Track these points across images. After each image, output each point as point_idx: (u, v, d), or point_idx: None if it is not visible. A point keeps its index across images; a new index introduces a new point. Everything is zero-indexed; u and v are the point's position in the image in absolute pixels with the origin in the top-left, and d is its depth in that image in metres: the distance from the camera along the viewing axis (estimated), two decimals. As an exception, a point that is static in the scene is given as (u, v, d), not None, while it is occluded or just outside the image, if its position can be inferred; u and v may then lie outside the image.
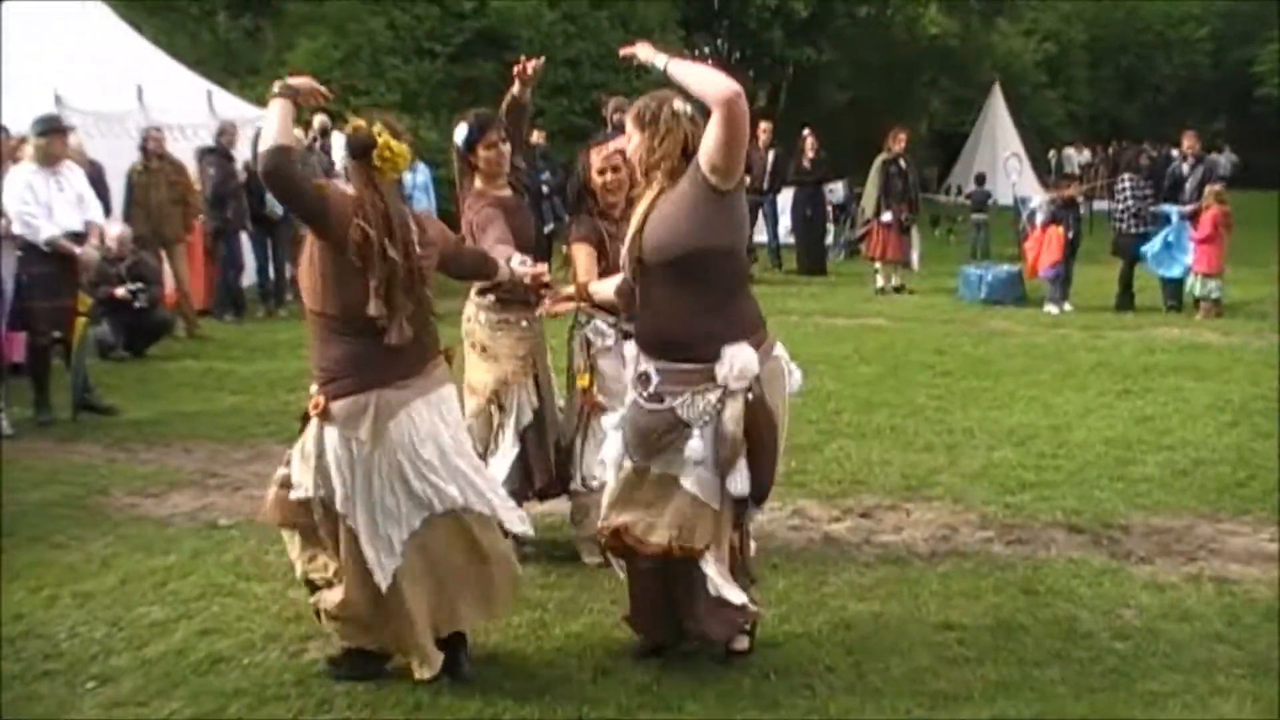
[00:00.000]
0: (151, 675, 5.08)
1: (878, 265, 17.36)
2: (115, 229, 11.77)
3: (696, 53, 36.05)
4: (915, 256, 18.06)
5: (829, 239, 21.04)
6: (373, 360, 4.60)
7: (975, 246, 21.63)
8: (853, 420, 9.38)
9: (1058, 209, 15.81)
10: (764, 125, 19.77)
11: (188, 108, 16.30)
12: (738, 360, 4.46)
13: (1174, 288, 15.29)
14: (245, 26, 24.84)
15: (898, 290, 16.99)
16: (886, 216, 17.02)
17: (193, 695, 4.89)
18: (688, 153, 4.53)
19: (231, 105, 17.44)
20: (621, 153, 5.40)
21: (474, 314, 6.30)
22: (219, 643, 5.36)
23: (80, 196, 9.77)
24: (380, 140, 4.60)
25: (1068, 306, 15.26)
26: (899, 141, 17.42)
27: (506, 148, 6.20)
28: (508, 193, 6.25)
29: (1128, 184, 15.86)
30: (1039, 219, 16.53)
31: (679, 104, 4.59)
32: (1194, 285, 14.86)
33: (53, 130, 9.79)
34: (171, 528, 7.00)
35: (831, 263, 20.21)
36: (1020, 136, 34.32)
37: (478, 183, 6.21)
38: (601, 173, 5.94)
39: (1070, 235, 15.37)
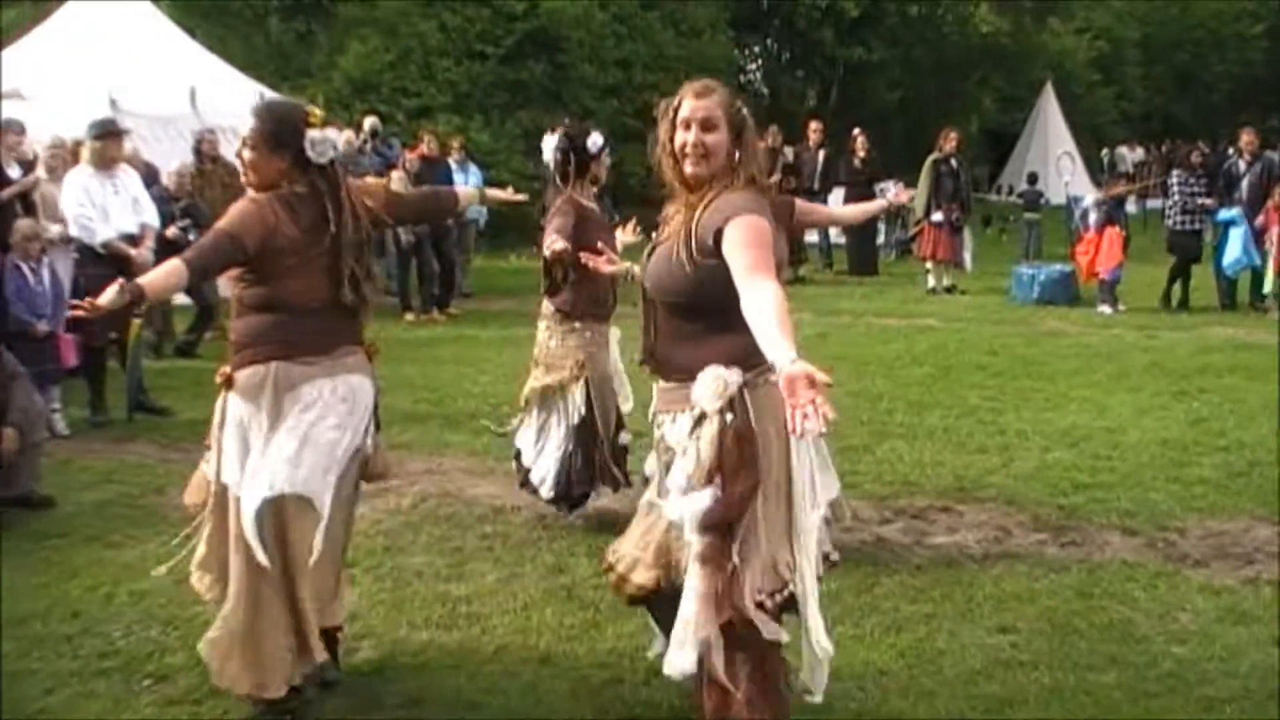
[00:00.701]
0: (206, 674, 5.11)
1: (929, 265, 17.28)
2: (174, 164, 11.96)
3: (746, 52, 36.04)
4: (968, 257, 17.96)
5: (880, 239, 20.96)
6: (278, 335, 4.67)
7: (1027, 246, 21.46)
8: (905, 421, 9.34)
9: (1111, 209, 15.69)
10: (814, 125, 19.76)
11: (240, 111, 16.36)
12: (713, 381, 4.03)
13: (1229, 286, 15.16)
14: (297, 30, 24.95)
15: (949, 290, 16.91)
16: (936, 216, 16.94)
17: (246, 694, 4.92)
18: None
19: (284, 108, 17.56)
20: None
21: (542, 325, 6.56)
22: (272, 642, 5.39)
23: (135, 199, 9.88)
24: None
25: (1121, 307, 15.14)
26: (950, 141, 17.34)
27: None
28: (595, 206, 6.64)
29: (1176, 181, 15.74)
30: (1091, 220, 16.40)
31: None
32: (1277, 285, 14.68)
33: (108, 134, 9.89)
34: (226, 528, 7.05)
35: (883, 263, 20.14)
36: (1073, 135, 34.02)
37: (577, 190, 6.61)
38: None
39: (1125, 235, 15.27)
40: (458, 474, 8.12)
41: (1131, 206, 19.23)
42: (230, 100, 16.23)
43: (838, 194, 19.77)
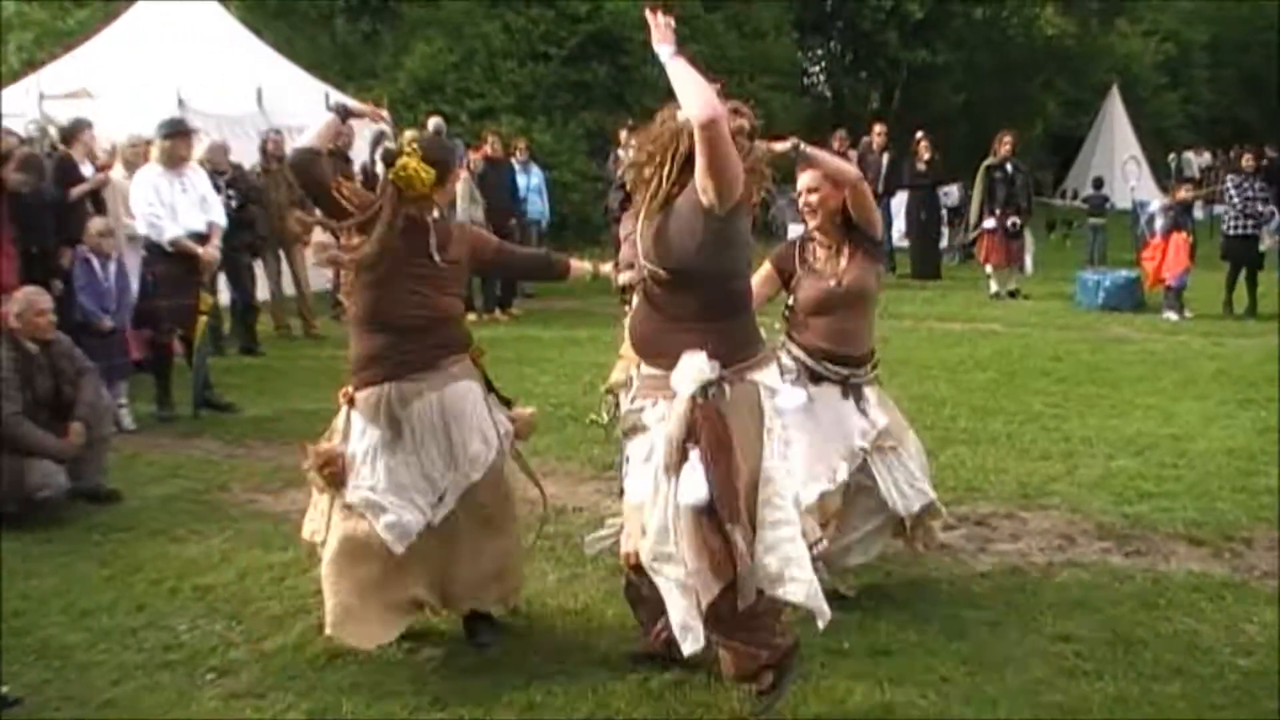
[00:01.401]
0: (269, 669, 5.17)
1: (989, 270, 17.15)
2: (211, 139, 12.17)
3: (809, 54, 35.94)
4: (1029, 261, 17.81)
5: (943, 243, 20.83)
6: (389, 355, 5.10)
7: (1092, 251, 21.26)
8: (968, 427, 9.28)
9: (1178, 215, 15.51)
10: (878, 128, 19.64)
11: (306, 110, 16.53)
12: (690, 366, 4.29)
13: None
14: (363, 30, 25.11)
15: (1012, 295, 16.75)
16: (989, 223, 16.81)
17: (308, 690, 4.98)
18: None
19: (349, 108, 17.68)
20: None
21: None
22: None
23: (203, 198, 9.98)
24: (400, 160, 5.02)
25: (1187, 313, 14.97)
26: (1004, 145, 17.14)
27: None
28: None
29: (1232, 185, 15.55)
30: (1158, 225, 16.22)
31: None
32: None
33: (177, 133, 10.02)
34: (289, 524, 7.05)
35: (946, 267, 20.00)
36: (1138, 139, 33.70)
37: None
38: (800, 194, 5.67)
39: (1192, 241, 15.10)
40: (519, 474, 8.12)
41: (1198, 212, 18.98)
42: (296, 100, 16.41)
43: (901, 197, 19.68)
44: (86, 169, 10.98)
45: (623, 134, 17.54)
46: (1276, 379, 10.96)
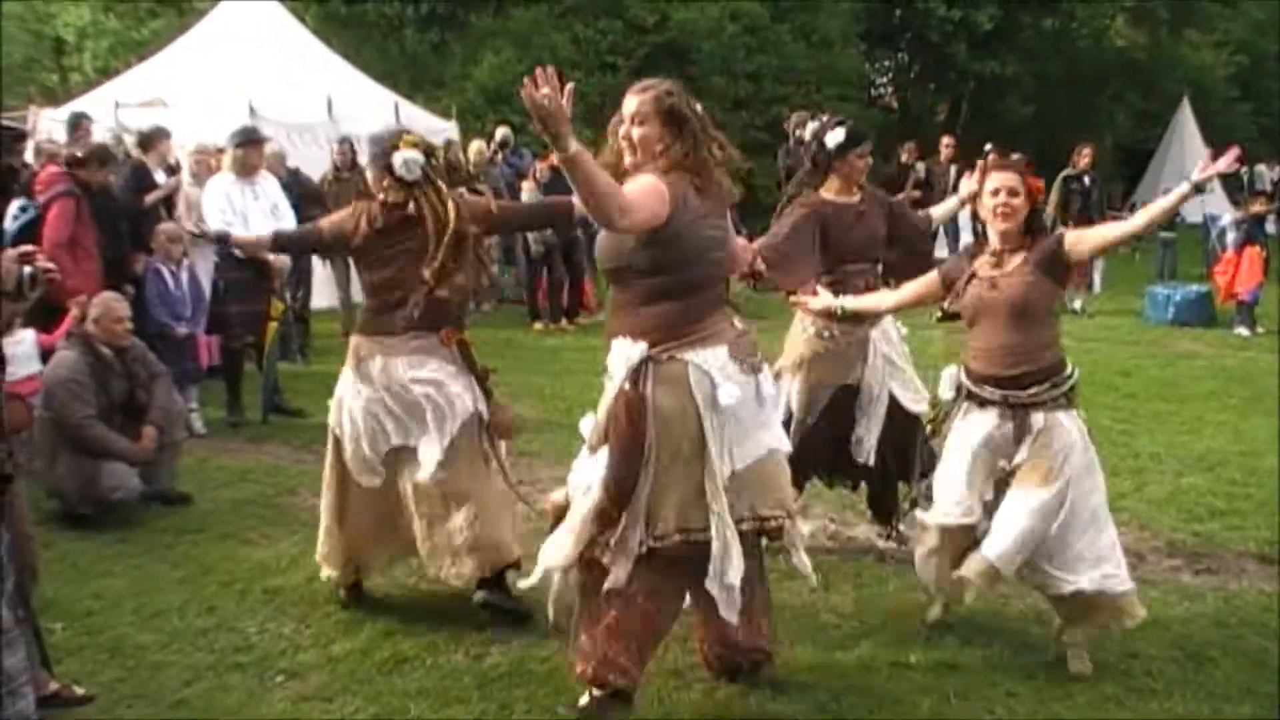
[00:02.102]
0: (337, 672, 5.22)
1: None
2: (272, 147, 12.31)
3: (877, 65, 35.78)
4: (1097, 278, 17.65)
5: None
6: (376, 317, 5.84)
7: (1162, 266, 21.04)
8: (1035, 441, 9.19)
9: (1251, 228, 15.34)
10: (947, 140, 19.53)
11: (376, 119, 16.67)
12: (618, 352, 4.57)
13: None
14: (432, 40, 25.30)
15: (1076, 313, 16.57)
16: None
17: (376, 694, 5.03)
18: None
19: (418, 117, 17.82)
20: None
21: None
22: (402, 643, 5.49)
23: (275, 206, 10.09)
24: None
25: (1259, 329, 14.79)
26: (1084, 157, 16.96)
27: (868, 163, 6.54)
28: (850, 199, 6.51)
29: None
30: (1229, 239, 16.04)
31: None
32: None
33: (249, 141, 10.15)
34: (357, 529, 7.18)
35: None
36: (1210, 153, 33.30)
37: (830, 187, 6.50)
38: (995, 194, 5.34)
39: (1265, 255, 14.93)
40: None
41: (1271, 226, 18.74)
42: (366, 109, 16.55)
43: (968, 211, 19.53)
44: (160, 177, 11.11)
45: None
46: (1349, 396, 10.83)
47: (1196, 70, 37.82)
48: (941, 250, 18.83)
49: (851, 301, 5.91)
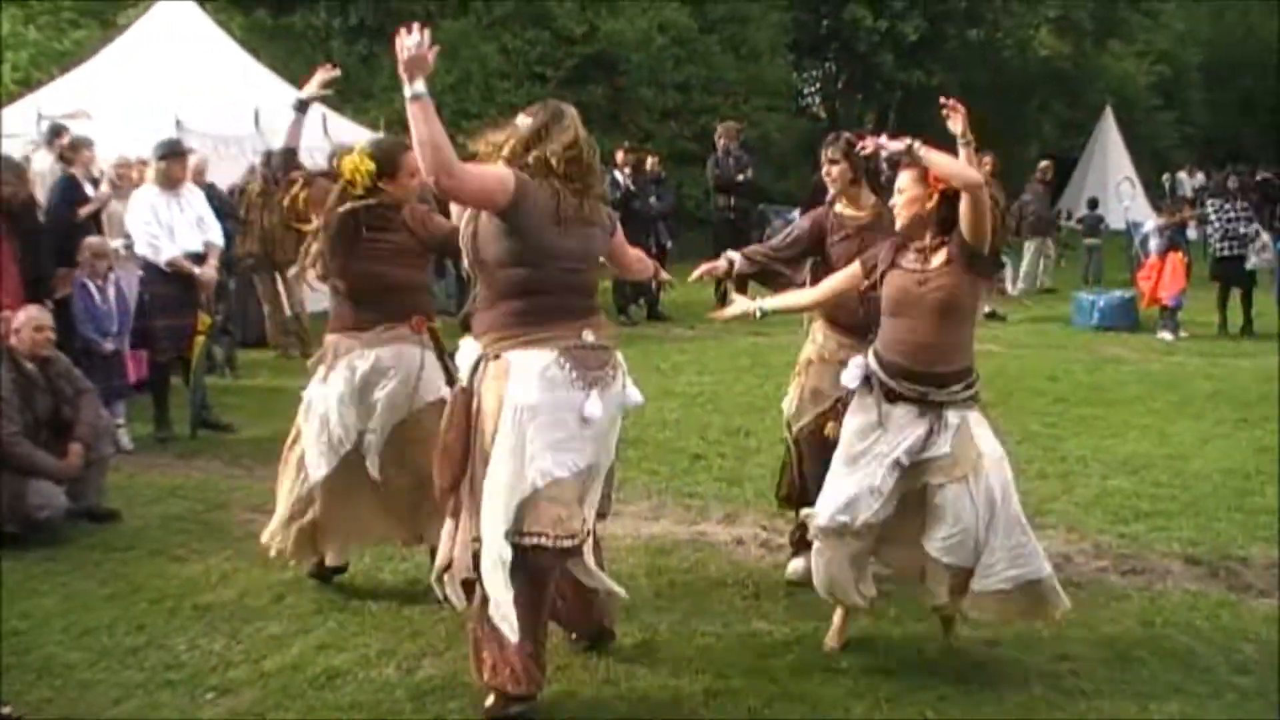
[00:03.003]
0: (269, 688, 5.17)
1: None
2: (194, 159, 12.18)
3: (805, 75, 36.03)
4: (1010, 283, 17.84)
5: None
6: (340, 315, 6.01)
7: (1088, 272, 21.34)
8: (964, 446, 9.28)
9: (1174, 234, 15.58)
10: (872, 149, 19.65)
11: (304, 131, 16.56)
12: (463, 352, 4.85)
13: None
14: (360, 52, 25.12)
15: (989, 316, 16.61)
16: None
17: (309, 709, 4.99)
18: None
19: (346, 129, 17.71)
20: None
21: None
22: (335, 657, 5.45)
23: (200, 218, 10.01)
24: (345, 159, 6.04)
25: (1183, 333, 15.01)
26: (984, 166, 17.04)
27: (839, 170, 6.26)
28: (858, 212, 6.23)
29: (1213, 208, 15.62)
30: (1153, 245, 16.28)
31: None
32: None
33: (173, 154, 10.04)
34: (288, 544, 7.12)
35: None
36: (1133, 160, 33.80)
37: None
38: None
39: (1187, 260, 15.18)
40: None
41: (1193, 232, 19.04)
42: (293, 121, 16.41)
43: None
44: (87, 189, 10.99)
45: (619, 155, 17.58)
46: (1272, 398, 11.01)
47: (1119, 80, 38.41)
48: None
49: (771, 302, 5.87)
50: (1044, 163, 20.76)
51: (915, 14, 31.04)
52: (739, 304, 5.88)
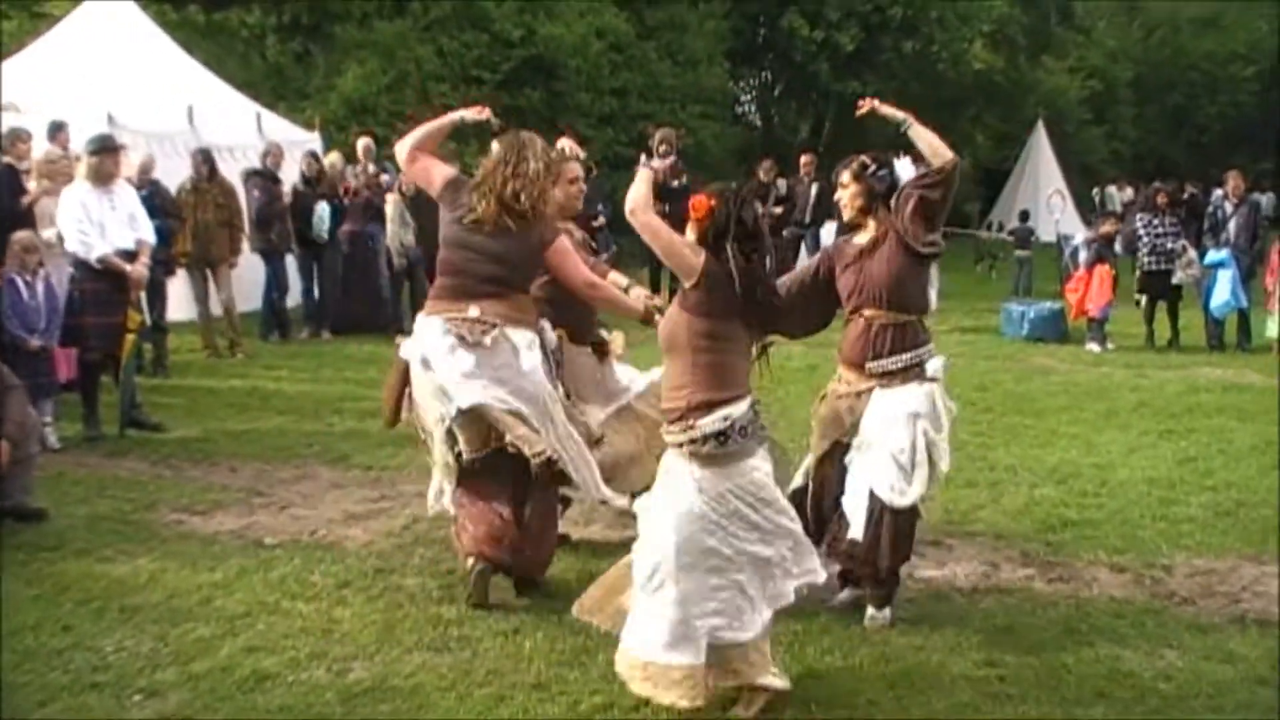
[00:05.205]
0: (198, 690, 5.14)
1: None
2: (138, 158, 12.06)
3: (741, 84, 36.19)
4: (933, 294, 18.01)
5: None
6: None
7: (1018, 283, 21.56)
8: (894, 454, 9.35)
9: (1101, 247, 15.79)
10: (806, 158, 19.80)
11: (237, 129, 16.48)
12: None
13: (1218, 328, 15.28)
14: (295, 51, 24.98)
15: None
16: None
17: (238, 711, 4.96)
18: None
19: (280, 128, 17.63)
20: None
21: None
22: (264, 660, 5.41)
23: (132, 215, 9.90)
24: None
25: (1110, 345, 15.21)
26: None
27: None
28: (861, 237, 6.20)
29: (1141, 223, 15.85)
30: (1081, 258, 16.47)
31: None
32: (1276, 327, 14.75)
33: (105, 149, 9.92)
34: (217, 545, 7.07)
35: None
36: (1064, 173, 34.22)
37: None
38: None
39: (1115, 274, 15.39)
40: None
41: (1120, 246, 19.32)
42: (227, 119, 16.32)
43: (829, 226, 19.84)
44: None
45: (556, 159, 17.50)
46: (1197, 410, 11.19)
47: (1052, 94, 38.89)
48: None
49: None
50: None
51: (851, 25, 31.24)
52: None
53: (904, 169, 6.05)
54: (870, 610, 5.90)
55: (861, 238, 6.09)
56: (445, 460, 6.13)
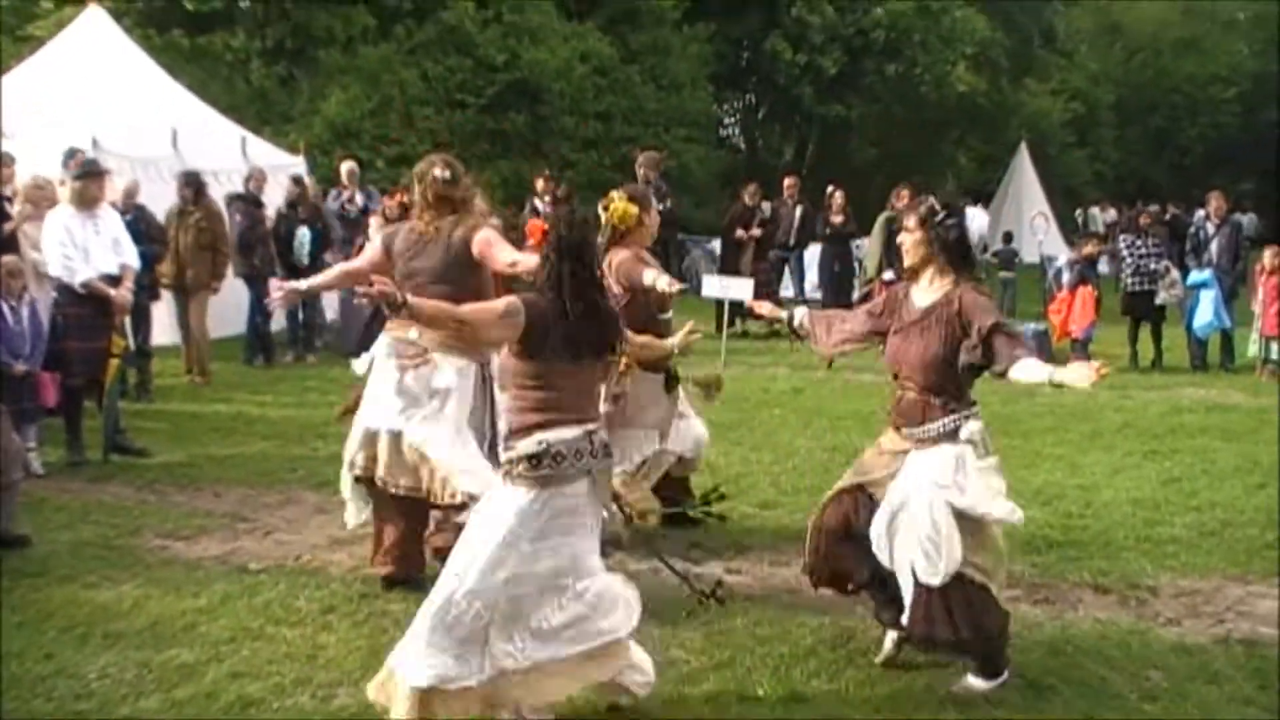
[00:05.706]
0: (182, 717, 5.12)
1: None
2: (122, 182, 12.02)
3: (725, 107, 36.32)
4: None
5: (854, 294, 21.00)
6: None
7: (1002, 304, 21.58)
8: (879, 476, 9.35)
9: (1084, 269, 15.84)
10: (790, 181, 19.83)
11: (222, 153, 16.46)
12: None
13: (1201, 348, 15.34)
14: (279, 75, 25.03)
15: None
16: (888, 275, 16.89)
17: (222, 738, 4.93)
18: None
19: (265, 152, 17.63)
20: None
21: None
22: (249, 686, 5.40)
23: (116, 240, 9.88)
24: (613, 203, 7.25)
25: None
26: (901, 199, 17.12)
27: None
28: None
29: (1124, 244, 15.91)
30: (1065, 279, 16.51)
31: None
32: (1262, 347, 14.79)
33: (89, 174, 9.91)
34: (201, 570, 7.05)
35: (858, 319, 20.13)
36: (1047, 195, 34.38)
37: None
38: None
39: (1098, 295, 15.45)
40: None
41: (1104, 267, 19.39)
42: (211, 143, 16.30)
43: (814, 250, 19.90)
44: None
45: (539, 183, 17.61)
46: (1181, 431, 11.22)
47: (1035, 116, 39.10)
48: (788, 291, 19.13)
49: (805, 324, 6.34)
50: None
51: (835, 48, 31.41)
52: (779, 311, 6.81)
53: (975, 217, 5.83)
54: (968, 677, 5.50)
55: (923, 297, 5.84)
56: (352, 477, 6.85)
